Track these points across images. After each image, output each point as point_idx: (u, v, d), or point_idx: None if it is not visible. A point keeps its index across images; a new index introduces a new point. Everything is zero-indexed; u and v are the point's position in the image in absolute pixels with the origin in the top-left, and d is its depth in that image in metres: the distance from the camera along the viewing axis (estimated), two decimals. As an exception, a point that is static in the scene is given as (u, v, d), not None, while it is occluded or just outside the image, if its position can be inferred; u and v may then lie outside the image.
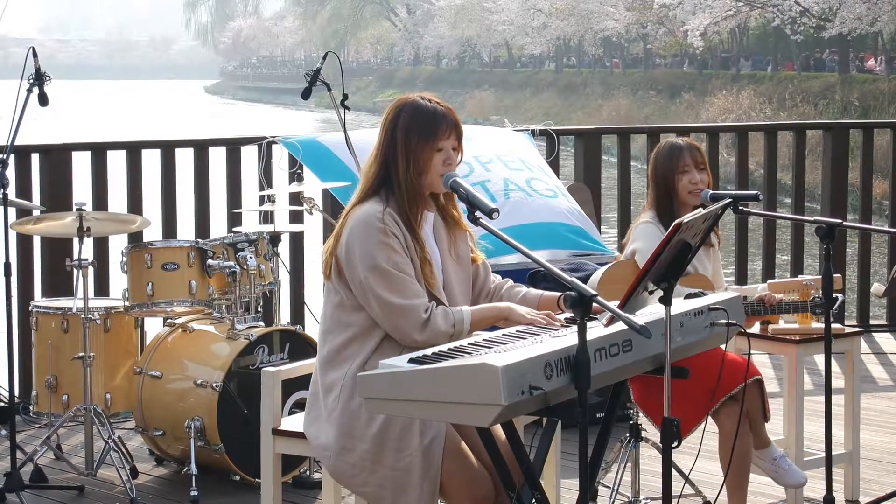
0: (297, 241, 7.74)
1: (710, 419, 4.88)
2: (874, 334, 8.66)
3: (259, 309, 6.08)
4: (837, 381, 5.58)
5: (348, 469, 3.98)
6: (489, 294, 4.24)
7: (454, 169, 4.04)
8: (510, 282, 4.27)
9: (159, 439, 5.91)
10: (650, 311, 3.79)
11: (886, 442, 6.42)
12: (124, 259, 5.98)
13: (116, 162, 7.49)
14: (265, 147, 7.41)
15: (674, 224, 3.64)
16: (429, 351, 3.62)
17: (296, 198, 6.97)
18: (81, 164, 7.39)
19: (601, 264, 6.17)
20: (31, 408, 6.42)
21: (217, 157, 7.69)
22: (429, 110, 4.02)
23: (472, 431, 3.92)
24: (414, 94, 4.15)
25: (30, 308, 6.33)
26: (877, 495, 5.34)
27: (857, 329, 5.92)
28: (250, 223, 6.96)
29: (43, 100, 5.71)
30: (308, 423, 4.12)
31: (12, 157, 5.75)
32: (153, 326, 6.82)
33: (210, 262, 5.93)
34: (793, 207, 8.90)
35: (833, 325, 4.83)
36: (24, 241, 7.20)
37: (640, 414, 5.24)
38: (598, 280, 5.13)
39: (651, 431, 5.44)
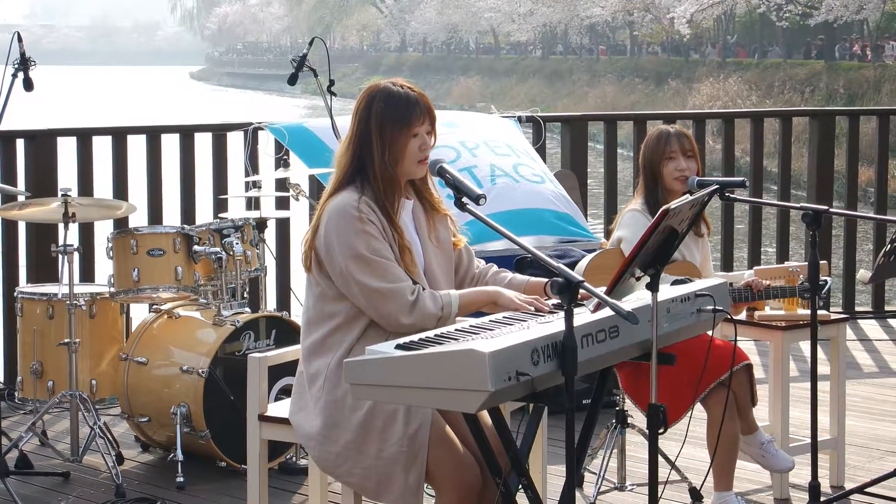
0: (283, 227, 7.73)
1: (698, 405, 4.89)
2: (859, 321, 8.68)
3: (245, 295, 6.07)
4: (823, 368, 5.59)
5: (333, 458, 3.97)
6: (474, 279, 4.22)
7: (429, 154, 4.02)
8: (495, 267, 4.26)
9: (145, 425, 5.90)
10: (637, 298, 3.79)
11: (871, 428, 6.44)
12: (110, 245, 5.96)
13: (102, 148, 7.46)
14: (251, 133, 7.39)
15: (661, 210, 3.64)
16: (415, 337, 3.61)
17: (282, 184, 6.96)
18: (67, 150, 7.37)
19: (587, 251, 6.17)
20: (16, 394, 6.41)
21: (203, 143, 7.67)
22: (402, 97, 3.97)
23: (458, 417, 3.92)
24: (384, 80, 4.08)
25: (15, 294, 6.31)
26: (862, 481, 5.35)
27: (842, 316, 5.92)
28: (236, 209, 6.95)
29: (28, 85, 5.68)
30: (293, 412, 4.11)
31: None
32: (139, 312, 6.80)
33: (196, 248, 5.91)
34: (779, 194, 8.92)
35: (819, 312, 4.84)
36: (9, 227, 7.18)
37: (627, 400, 5.25)
38: (585, 268, 5.13)
39: (638, 418, 5.45)
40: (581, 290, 3.42)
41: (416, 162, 3.99)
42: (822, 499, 4.93)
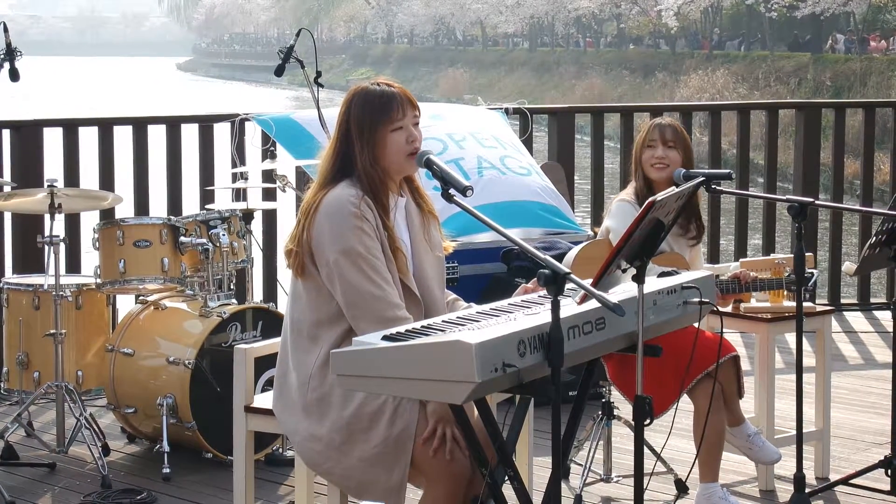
0: (269, 218, 7.72)
1: (685, 397, 4.90)
2: (845, 313, 8.70)
3: (232, 286, 6.06)
4: (808, 360, 5.61)
5: (315, 456, 3.95)
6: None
7: (420, 145, 3.99)
8: (451, 296, 4.23)
9: (131, 416, 5.90)
10: (623, 290, 3.79)
11: (856, 420, 6.46)
12: (96, 236, 5.95)
13: (88, 138, 7.45)
14: (238, 124, 7.38)
15: (647, 202, 3.65)
16: (402, 328, 3.61)
17: (269, 175, 6.95)
18: (53, 141, 7.35)
19: (574, 243, 6.18)
20: (1, 385, 6.39)
21: (189, 133, 7.66)
22: (378, 93, 3.95)
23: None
24: (366, 82, 4.05)
25: (0, 285, 6.29)
26: (847, 472, 5.37)
27: (828, 308, 5.94)
28: (223, 200, 6.93)
29: (14, 75, 5.66)
30: (277, 407, 4.09)
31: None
32: (125, 304, 6.80)
33: (182, 239, 5.91)
34: (765, 186, 8.93)
35: (804, 304, 4.86)
36: (-5, 218, 7.16)
37: (613, 392, 5.26)
38: (574, 258, 5.13)
39: (624, 409, 5.46)
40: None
41: (406, 155, 3.95)
42: (807, 490, 4.95)
